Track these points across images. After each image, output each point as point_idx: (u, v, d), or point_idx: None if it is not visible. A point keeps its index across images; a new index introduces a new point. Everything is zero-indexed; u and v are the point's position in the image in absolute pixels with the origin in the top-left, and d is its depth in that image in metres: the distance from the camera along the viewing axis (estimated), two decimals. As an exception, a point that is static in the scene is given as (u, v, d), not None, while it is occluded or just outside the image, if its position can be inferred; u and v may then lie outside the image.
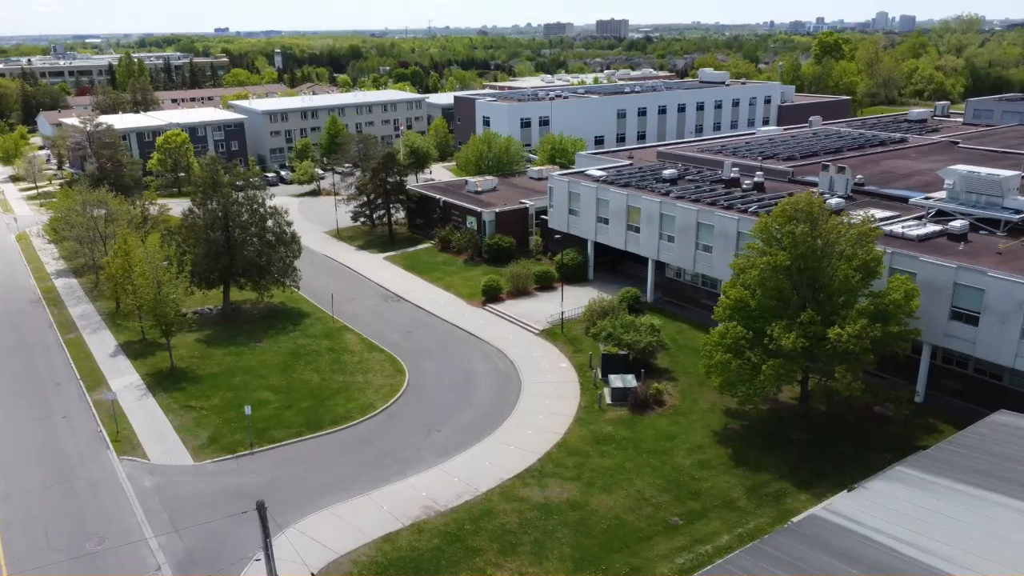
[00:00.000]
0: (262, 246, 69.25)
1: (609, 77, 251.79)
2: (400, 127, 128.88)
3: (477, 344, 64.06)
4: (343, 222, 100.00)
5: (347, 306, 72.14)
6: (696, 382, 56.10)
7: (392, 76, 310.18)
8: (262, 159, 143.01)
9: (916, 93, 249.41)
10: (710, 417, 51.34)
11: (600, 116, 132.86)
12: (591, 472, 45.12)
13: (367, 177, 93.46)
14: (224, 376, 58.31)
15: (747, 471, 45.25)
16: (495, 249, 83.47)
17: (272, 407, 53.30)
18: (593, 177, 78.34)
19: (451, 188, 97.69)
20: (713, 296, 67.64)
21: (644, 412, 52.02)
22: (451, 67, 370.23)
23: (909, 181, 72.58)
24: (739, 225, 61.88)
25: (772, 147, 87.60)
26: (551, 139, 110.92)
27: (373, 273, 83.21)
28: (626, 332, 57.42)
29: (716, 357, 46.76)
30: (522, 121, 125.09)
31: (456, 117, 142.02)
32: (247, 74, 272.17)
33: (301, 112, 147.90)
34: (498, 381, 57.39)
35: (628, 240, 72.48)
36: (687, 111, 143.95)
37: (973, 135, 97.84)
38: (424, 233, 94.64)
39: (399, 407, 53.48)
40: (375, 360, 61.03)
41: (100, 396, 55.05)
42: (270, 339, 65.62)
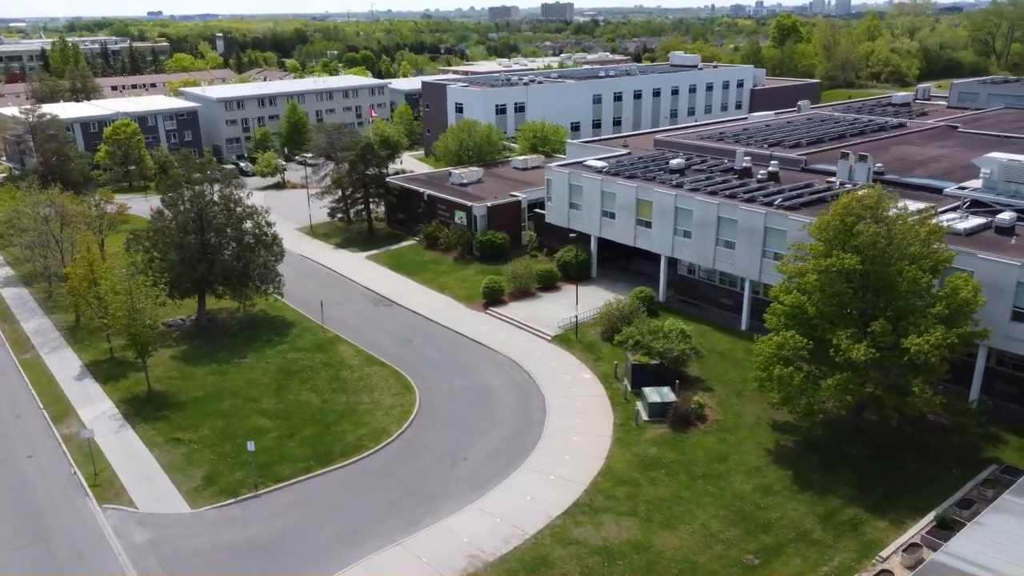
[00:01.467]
0: (241, 250, 62.57)
1: (567, 62, 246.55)
2: (371, 114, 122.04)
3: (486, 354, 58.77)
4: (316, 218, 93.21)
5: (334, 312, 66.01)
6: (733, 392, 51.88)
7: (342, 61, 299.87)
8: (218, 150, 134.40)
9: (873, 76, 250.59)
10: (758, 433, 47.10)
11: (576, 102, 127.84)
12: (646, 504, 40.42)
13: (344, 169, 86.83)
14: (211, 400, 51.90)
15: (814, 496, 41.11)
16: (488, 246, 78.03)
17: (271, 437, 47.25)
18: (594, 168, 73.40)
19: (433, 180, 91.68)
20: (733, 295, 63.74)
21: (687, 429, 47.52)
22: (401, 51, 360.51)
23: (928, 168, 69.41)
24: (767, 220, 57.70)
25: (773, 134, 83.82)
26: (532, 126, 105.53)
27: (357, 274, 77.00)
28: (655, 339, 52.76)
29: (774, 370, 42.38)
30: (497, 107, 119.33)
31: (424, 103, 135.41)
32: (191, 59, 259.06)
33: (258, 99, 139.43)
34: (518, 397, 52.26)
35: (638, 236, 67.80)
36: (662, 95, 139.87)
37: (966, 119, 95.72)
38: (406, 229, 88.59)
39: (415, 432, 47.96)
40: (378, 376, 55.27)
41: (70, 430, 48.26)
42: (256, 353, 59.23)
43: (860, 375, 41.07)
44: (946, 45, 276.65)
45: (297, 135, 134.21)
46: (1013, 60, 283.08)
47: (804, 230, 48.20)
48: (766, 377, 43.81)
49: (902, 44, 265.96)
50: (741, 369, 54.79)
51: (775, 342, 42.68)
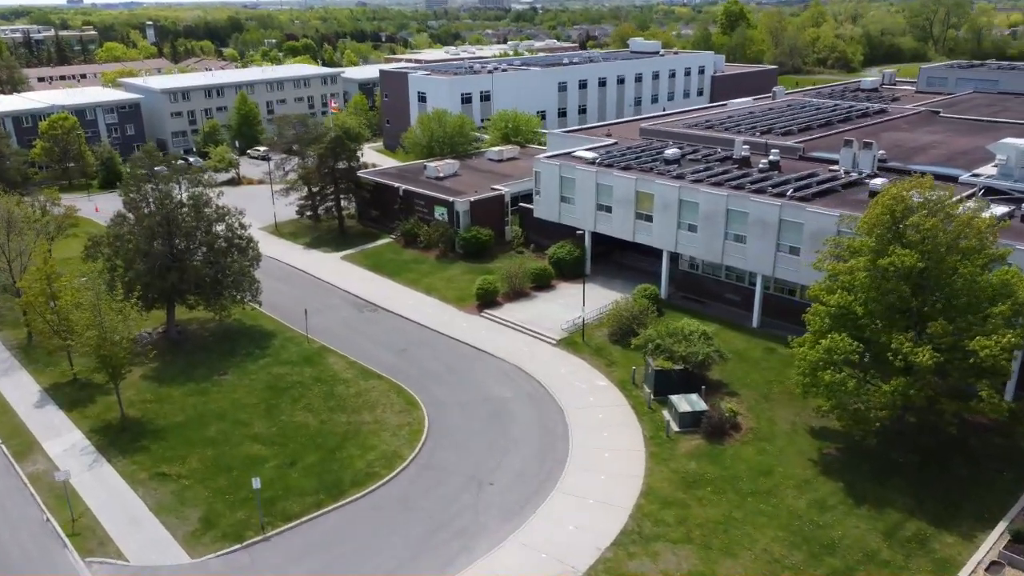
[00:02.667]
0: (215, 256, 57.00)
1: (514, 50, 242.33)
2: (331, 105, 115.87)
3: (489, 362, 54.70)
4: (281, 215, 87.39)
5: (315, 320, 60.88)
6: (760, 396, 48.99)
7: (283, 50, 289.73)
8: (162, 144, 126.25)
9: (819, 62, 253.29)
10: (797, 441, 44.25)
11: (542, 90, 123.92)
12: (700, 529, 37.07)
13: (312, 164, 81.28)
14: (194, 426, 46.61)
15: (871, 509, 38.39)
16: (473, 243, 73.75)
17: (270, 467, 42.36)
18: (585, 159, 69.72)
19: (407, 174, 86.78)
20: (740, 290, 60.95)
21: (722, 440, 44.37)
22: (343, 40, 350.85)
23: (928, 155, 67.76)
24: (782, 212, 54.89)
25: (759, 121, 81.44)
26: (504, 116, 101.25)
27: (334, 277, 71.85)
28: (676, 342, 49.47)
29: (824, 376, 39.41)
30: (463, 96, 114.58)
31: (383, 93, 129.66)
32: (123, 49, 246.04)
33: (205, 90, 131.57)
34: (534, 409, 48.38)
35: (637, 230, 64.44)
36: (626, 83, 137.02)
37: (941, 103, 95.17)
38: (381, 227, 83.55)
39: (430, 454, 43.65)
40: (377, 391, 50.69)
41: (36, 467, 42.53)
42: (237, 369, 53.95)
43: (919, 380, 38.38)
44: (887, 31, 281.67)
45: (248, 128, 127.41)
46: (949, 45, 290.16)
47: (840, 223, 45.44)
48: (810, 383, 40.91)
49: (846, 30, 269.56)
50: (762, 370, 52.06)
51: (824, 346, 39.64)
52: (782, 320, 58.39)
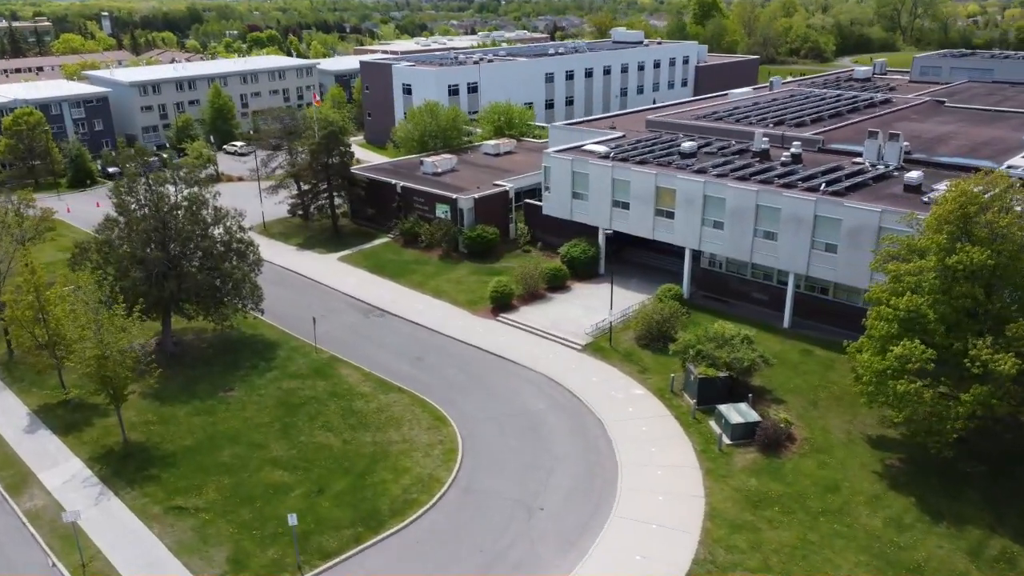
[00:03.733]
0: (214, 261, 52.83)
1: (486, 41, 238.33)
2: (314, 98, 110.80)
3: (515, 371, 51.44)
4: (270, 214, 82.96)
5: (320, 327, 56.85)
6: (807, 402, 46.49)
7: (246, 41, 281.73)
8: (132, 139, 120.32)
9: (792, 51, 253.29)
10: (857, 451, 41.78)
11: (529, 81, 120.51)
12: (776, 554, 34.34)
13: (305, 160, 77.00)
14: (206, 450, 42.64)
15: (950, 527, 36.04)
16: (479, 242, 70.26)
17: (296, 495, 38.65)
18: (596, 153, 66.63)
19: (402, 170, 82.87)
20: (768, 289, 58.45)
21: (779, 453, 41.71)
22: (308, 31, 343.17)
23: (950, 146, 65.91)
24: (817, 208, 52.39)
25: (768, 112, 79.05)
26: (497, 108, 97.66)
27: (333, 280, 67.86)
28: (718, 348, 46.73)
29: (897, 386, 36.88)
30: (450, 88, 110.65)
31: (364, 85, 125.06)
32: (81, 40, 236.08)
33: (176, 83, 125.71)
34: (571, 423, 45.27)
35: (657, 227, 61.57)
36: (612, 74, 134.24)
37: (940, 92, 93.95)
38: (377, 226, 79.59)
39: (469, 476, 40.28)
40: (399, 405, 47.14)
41: (34, 503, 38.29)
42: (243, 384, 49.97)
43: (1000, 388, 36.05)
44: (856, 21, 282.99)
45: (223, 122, 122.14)
46: (916, 35, 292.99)
47: (903, 221, 42.98)
48: (876, 392, 38.43)
49: (817, 20, 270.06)
50: (803, 374, 49.61)
51: (896, 353, 37.10)
52: (814, 320, 56.16)
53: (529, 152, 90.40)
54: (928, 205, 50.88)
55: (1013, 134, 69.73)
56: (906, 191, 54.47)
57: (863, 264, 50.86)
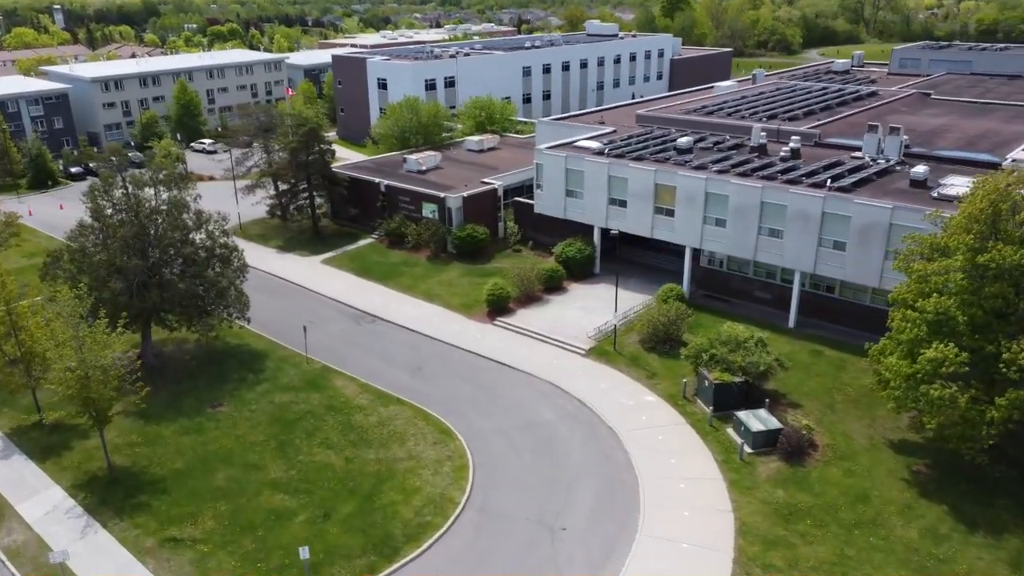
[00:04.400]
0: (197, 268, 49.79)
1: (455, 33, 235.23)
2: (288, 92, 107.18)
3: (518, 378, 49.32)
4: (246, 215, 79.60)
5: (309, 335, 54.21)
6: (824, 406, 45.09)
7: (206, 35, 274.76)
8: (94, 137, 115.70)
9: (760, 44, 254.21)
10: (881, 457, 40.43)
11: (506, 74, 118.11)
12: (815, 572, 32.76)
13: (284, 158, 73.87)
14: (198, 473, 39.85)
15: (988, 536, 34.81)
16: (469, 242, 67.92)
17: (301, 521, 36.12)
18: (589, 149, 64.68)
19: (385, 168, 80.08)
20: (771, 288, 57.08)
21: (802, 461, 40.18)
22: (268, 24, 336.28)
23: (948, 140, 65.09)
24: (825, 205, 51.02)
25: (759, 105, 77.78)
26: (479, 103, 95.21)
27: (318, 284, 65.01)
28: (732, 351, 45.09)
29: (930, 392, 35.50)
30: (427, 82, 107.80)
31: (337, 80, 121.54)
32: (33, 34, 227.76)
33: (139, 79, 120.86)
34: (584, 433, 43.30)
35: (656, 225, 59.83)
36: (589, 67, 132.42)
37: (923, 84, 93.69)
38: (360, 226, 76.75)
39: (484, 495, 38.08)
40: (401, 419, 44.74)
41: (12, 539, 35.23)
42: (232, 399, 47.14)
43: (1035, 392, 34.87)
44: (821, 14, 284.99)
45: (190, 118, 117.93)
46: (879, 28, 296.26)
47: (928, 219, 41.63)
48: (905, 397, 37.04)
49: (784, 12, 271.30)
50: (815, 376, 48.24)
51: (929, 357, 35.69)
52: (820, 319, 54.93)
53: (513, 148, 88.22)
54: (938, 201, 49.96)
55: (1006, 126, 69.26)
56: (912, 186, 53.37)
57: (873, 262, 49.73)
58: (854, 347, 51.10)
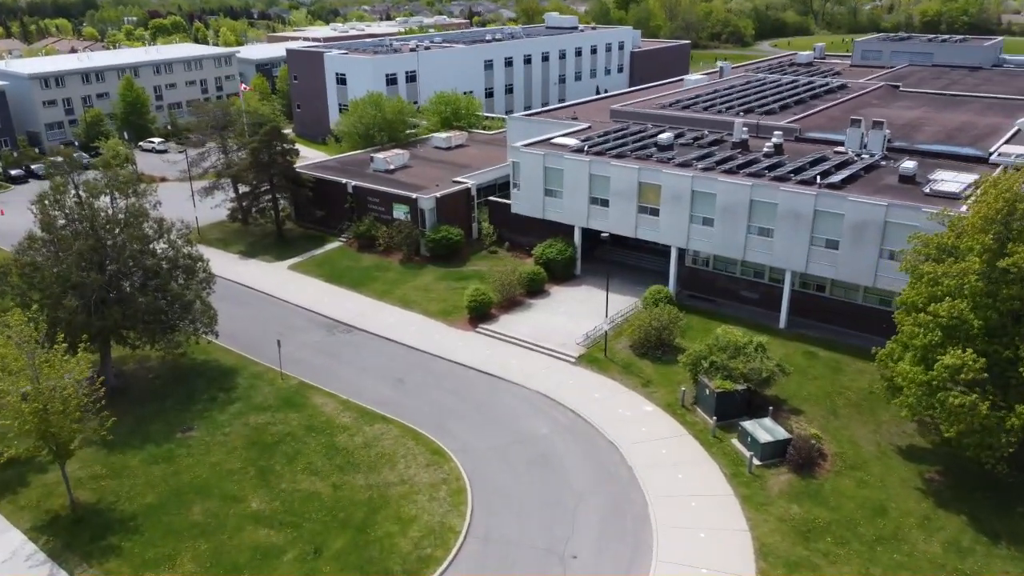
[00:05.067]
0: (159, 281, 46.26)
1: (407, 26, 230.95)
2: (242, 88, 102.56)
3: (507, 389, 47.00)
4: (204, 218, 75.57)
5: (281, 348, 51.09)
6: (827, 411, 43.74)
7: (148, 28, 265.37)
8: (35, 137, 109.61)
9: (713, 36, 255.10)
10: (892, 465, 39.18)
11: (468, 68, 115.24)
12: (844, 595, 31.19)
13: (245, 159, 70.12)
14: (172, 508, 36.64)
15: (1012, 548, 33.73)
16: (443, 245, 65.23)
17: (290, 560, 33.26)
18: (568, 147, 62.53)
19: (350, 167, 76.80)
20: (759, 287, 55.74)
21: (813, 472, 38.69)
22: (213, 17, 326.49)
23: (926, 133, 64.49)
24: (817, 203, 49.67)
25: (733, 99, 76.48)
26: (444, 98, 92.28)
27: (286, 292, 61.65)
28: (732, 358, 43.42)
29: (950, 399, 34.20)
30: (387, 77, 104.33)
31: (292, 75, 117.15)
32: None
33: (82, 75, 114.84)
34: (583, 448, 41.19)
35: (640, 225, 57.97)
36: (551, 60, 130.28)
37: (887, 76, 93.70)
38: (326, 228, 73.42)
39: (485, 522, 35.69)
40: (389, 438, 42.05)
41: (-33, 592, 31.73)
42: (204, 422, 43.86)
43: (1056, 398, 33.82)
44: (771, 6, 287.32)
45: (137, 116, 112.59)
46: (827, 19, 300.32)
47: (935, 219, 40.39)
48: (920, 404, 35.75)
49: (736, 4, 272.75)
50: (812, 380, 46.93)
51: (946, 364, 34.35)
52: (810, 319, 53.74)
53: (482, 145, 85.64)
54: (931, 197, 49.01)
55: (980, 119, 69.12)
56: (902, 182, 52.40)
57: (867, 260, 48.59)
58: (848, 347, 50.09)
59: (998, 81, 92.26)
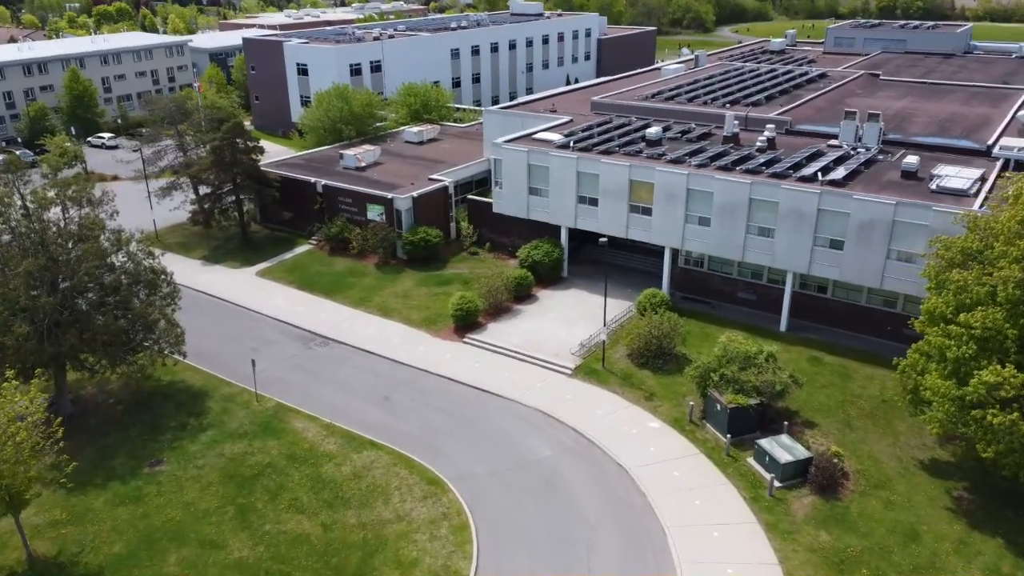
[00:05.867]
0: (119, 298, 42.12)
1: (363, 13, 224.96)
2: (196, 82, 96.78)
3: (502, 407, 43.96)
4: (162, 220, 70.88)
5: (248, 363, 47.28)
6: (841, 423, 41.58)
7: (93, 15, 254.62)
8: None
9: (675, 22, 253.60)
10: (917, 483, 37.12)
11: (434, 57, 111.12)
12: (889, 636, 28.90)
13: (206, 158, 65.61)
14: (143, 558, 32.88)
15: (1053, 572, 31.80)
16: (422, 247, 61.75)
17: (281, 616, 29.91)
18: (552, 142, 59.46)
19: (318, 164, 72.69)
20: (756, 287, 53.49)
21: (837, 493, 36.42)
22: (161, 3, 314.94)
23: (919, 125, 62.75)
24: (822, 201, 47.39)
25: (716, 90, 74.08)
26: (413, 89, 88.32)
27: (257, 301, 57.62)
28: (743, 370, 40.96)
29: (991, 417, 32.07)
30: (352, 68, 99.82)
31: (250, 65, 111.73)
32: None
33: (23, 66, 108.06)
34: (589, 472, 38.38)
35: (631, 225, 55.23)
36: (518, 48, 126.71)
37: (864, 64, 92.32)
38: (294, 230, 69.31)
39: (495, 562, 32.67)
40: (380, 467, 38.74)
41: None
42: (174, 453, 40.03)
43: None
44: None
45: (84, 110, 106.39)
46: (785, 5, 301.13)
47: (960, 221, 38.24)
48: (951, 421, 33.65)
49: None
50: (821, 387, 44.75)
51: (984, 380, 32.20)
52: (811, 321, 51.69)
53: (454, 139, 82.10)
54: (937, 194, 47.08)
55: (969, 109, 67.73)
56: (904, 178, 50.43)
57: (874, 261, 46.54)
58: (853, 351, 48.17)
59: (973, 68, 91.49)
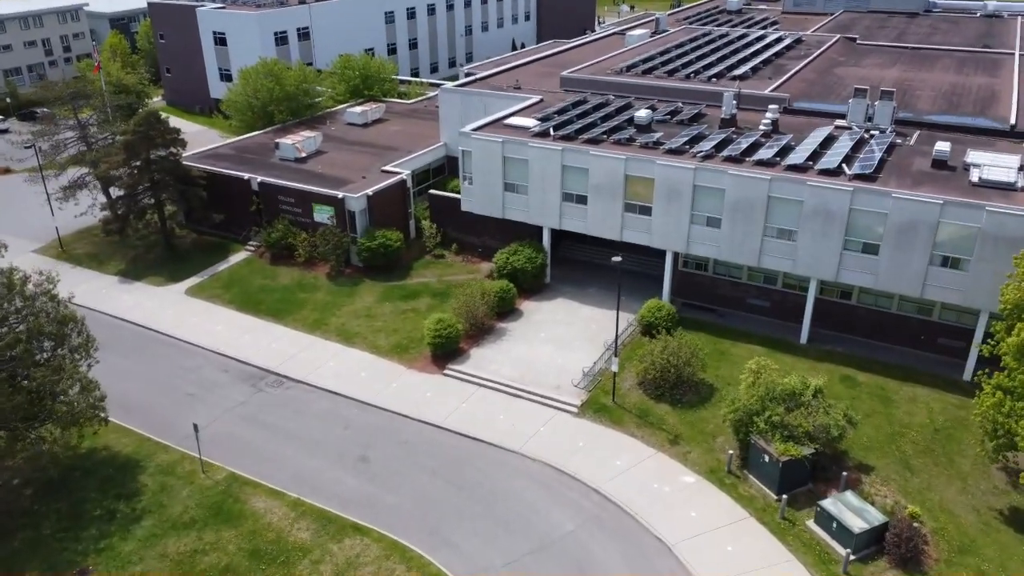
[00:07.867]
0: (16, 363, 32.94)
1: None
2: (95, 53, 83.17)
3: (505, 461, 36.85)
4: (66, 226, 60.34)
5: (195, 414, 38.95)
6: (900, 465, 36.08)
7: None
8: None
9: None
10: (1002, 540, 31.93)
11: (367, 22, 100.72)
12: None
13: (115, 153, 55.26)
14: None
15: None
16: (381, 254, 53.44)
17: None
18: (527, 129, 51.74)
19: (250, 155, 62.96)
20: (769, 293, 47.56)
21: (921, 566, 30.79)
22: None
23: (927, 101, 57.11)
24: (854, 200, 41.33)
25: (692, 60, 67.09)
26: (351, 61, 78.48)
27: (189, 328, 48.51)
28: (790, 411, 34.82)
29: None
30: (276, 36, 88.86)
31: (158, 33, 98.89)
32: None
33: None
34: (625, 552, 31.77)
35: (626, 226, 48.29)
36: (455, 9, 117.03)
37: (831, 26, 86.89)
38: (228, 234, 59.80)
39: None
40: (368, 559, 31.22)
41: None
42: (103, 556, 31.61)
43: None
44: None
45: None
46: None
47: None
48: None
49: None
50: (867, 417, 39.02)
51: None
52: (831, 330, 46.11)
53: (402, 118, 73.21)
54: (979, 188, 41.56)
55: (967, 79, 62.56)
56: (936, 167, 44.66)
57: (914, 267, 40.98)
58: (887, 367, 43.02)
59: (945, 30, 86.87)
